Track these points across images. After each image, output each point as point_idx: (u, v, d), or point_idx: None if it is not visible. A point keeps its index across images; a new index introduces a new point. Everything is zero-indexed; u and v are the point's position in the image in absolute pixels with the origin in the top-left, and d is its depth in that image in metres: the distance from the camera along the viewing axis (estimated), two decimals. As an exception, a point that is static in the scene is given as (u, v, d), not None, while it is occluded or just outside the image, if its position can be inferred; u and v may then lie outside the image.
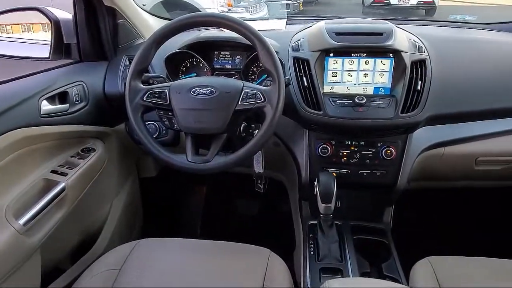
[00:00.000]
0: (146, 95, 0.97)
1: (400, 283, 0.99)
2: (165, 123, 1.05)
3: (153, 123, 1.23)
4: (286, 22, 1.49)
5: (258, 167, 1.18)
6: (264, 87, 0.96)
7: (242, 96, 0.94)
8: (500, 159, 1.18)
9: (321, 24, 1.18)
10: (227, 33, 1.19)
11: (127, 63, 1.25)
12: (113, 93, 1.21)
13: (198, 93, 0.95)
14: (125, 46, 1.33)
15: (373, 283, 0.71)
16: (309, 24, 1.28)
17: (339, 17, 1.39)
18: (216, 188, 1.90)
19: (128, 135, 1.29)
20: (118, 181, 1.38)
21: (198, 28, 1.35)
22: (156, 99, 0.97)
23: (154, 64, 1.24)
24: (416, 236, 1.30)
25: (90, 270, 0.96)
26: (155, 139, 0.99)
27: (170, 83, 1.00)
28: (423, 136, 1.12)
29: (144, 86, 0.99)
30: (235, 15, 1.65)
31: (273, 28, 1.42)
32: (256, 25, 1.40)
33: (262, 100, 0.93)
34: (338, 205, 1.24)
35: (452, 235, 1.54)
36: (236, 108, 0.94)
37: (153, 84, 1.05)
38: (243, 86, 0.96)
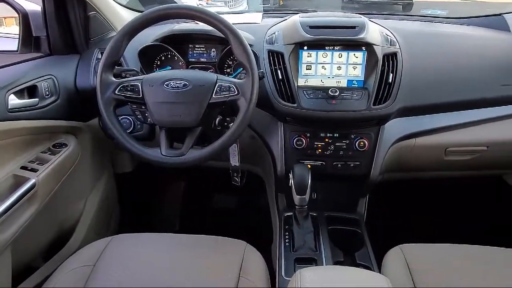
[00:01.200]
0: (118, 88, 0.95)
1: (372, 270, 1.02)
2: (138, 116, 1.03)
3: (127, 118, 1.21)
4: (263, 16, 1.49)
5: (234, 160, 1.18)
6: (237, 80, 0.96)
7: (216, 89, 0.94)
8: (469, 149, 1.22)
9: (295, 17, 1.19)
10: (201, 26, 1.18)
11: (100, 56, 1.22)
12: (85, 87, 1.19)
13: (172, 86, 0.94)
14: (97, 39, 1.31)
15: (344, 270, 0.72)
16: (284, 18, 1.29)
17: (315, 11, 1.40)
18: (195, 183, 1.90)
19: (101, 130, 1.27)
20: (93, 176, 1.36)
21: (172, 21, 1.33)
22: (128, 93, 0.95)
23: (127, 58, 1.22)
24: (390, 226, 1.34)
25: (63, 267, 0.94)
26: (128, 133, 0.98)
27: (143, 76, 0.99)
28: (395, 128, 1.15)
29: (116, 80, 0.97)
30: (213, 9, 1.64)
31: (249, 21, 1.42)
32: (232, 19, 1.40)
33: (236, 93, 0.93)
34: (314, 197, 1.26)
35: (423, 223, 1.59)
36: (210, 101, 0.94)
37: (125, 77, 1.04)
38: (217, 79, 0.96)
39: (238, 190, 1.75)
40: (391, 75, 1.07)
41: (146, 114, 1.01)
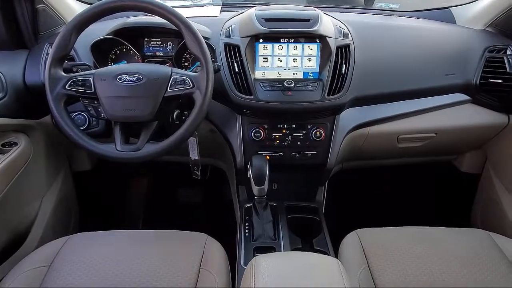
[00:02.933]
0: (69, 83, 0.93)
1: (328, 255, 1.06)
2: (91, 112, 1.01)
3: (82, 114, 1.18)
4: (222, 9, 1.49)
5: (194, 154, 1.18)
6: (192, 73, 0.96)
7: (171, 82, 0.94)
8: (419, 136, 1.28)
9: (251, 10, 1.20)
10: (155, 19, 1.17)
11: (50, 51, 1.18)
12: (35, 83, 1.15)
13: (125, 80, 0.93)
14: (48, 33, 1.26)
15: (297, 255, 0.75)
16: (242, 11, 1.30)
17: (273, 4, 1.41)
18: (158, 179, 1.88)
19: (55, 127, 1.23)
20: (48, 175, 1.31)
21: (128, 14, 1.30)
22: (79, 88, 0.93)
23: (80, 52, 1.19)
24: (348, 212, 1.39)
25: (17, 269, 0.91)
26: (83, 130, 0.96)
27: (95, 70, 0.97)
28: (349, 117, 1.19)
29: (66, 74, 0.94)
30: (176, 3, 1.61)
31: (207, 15, 1.41)
32: (190, 12, 1.40)
33: (191, 86, 0.93)
34: (274, 187, 1.29)
35: (380, 209, 1.66)
36: (165, 95, 0.93)
37: (77, 72, 1.01)
38: (171, 72, 0.95)
39: (203, 184, 1.75)
40: (344, 66, 1.11)
41: (99, 109, 0.99)
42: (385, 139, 1.28)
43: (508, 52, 1.20)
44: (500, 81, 1.18)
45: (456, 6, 1.48)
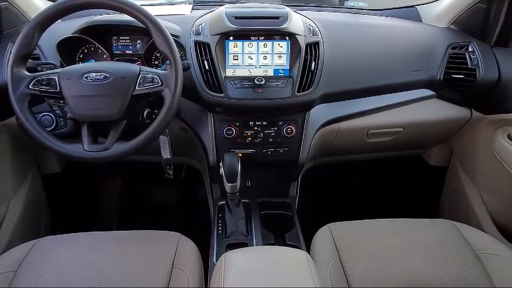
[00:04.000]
0: (32, 83, 0.90)
1: (300, 249, 1.07)
2: (57, 112, 0.99)
3: (48, 114, 1.15)
4: (193, 7, 1.48)
5: (166, 153, 1.17)
6: (161, 71, 0.95)
7: (139, 80, 0.93)
8: (387, 130, 1.32)
9: (221, 8, 1.20)
10: (123, 17, 1.14)
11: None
12: None
13: (91, 79, 0.91)
14: (11, 32, 1.22)
15: (267, 249, 0.76)
16: (212, 9, 1.29)
17: (243, 2, 1.42)
18: (132, 179, 1.85)
19: (20, 128, 1.19)
20: (15, 178, 1.27)
21: (96, 12, 1.28)
22: (44, 87, 0.91)
23: (45, 51, 1.16)
24: (321, 207, 1.41)
25: None
26: (49, 131, 0.94)
27: (60, 69, 0.94)
28: (320, 114, 1.21)
29: (29, 74, 0.92)
30: (147, 1, 1.59)
31: (178, 13, 1.40)
32: (160, 10, 1.38)
33: (160, 84, 0.93)
34: (248, 184, 1.29)
35: (352, 203, 1.70)
36: (133, 93, 0.92)
37: (42, 71, 0.99)
38: (140, 70, 0.94)
39: (178, 183, 1.74)
40: (313, 63, 1.13)
41: (65, 109, 0.97)
42: (355, 134, 1.30)
43: (470, 49, 1.25)
44: (462, 76, 1.22)
45: (422, 4, 1.52)
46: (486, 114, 1.28)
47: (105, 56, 1.20)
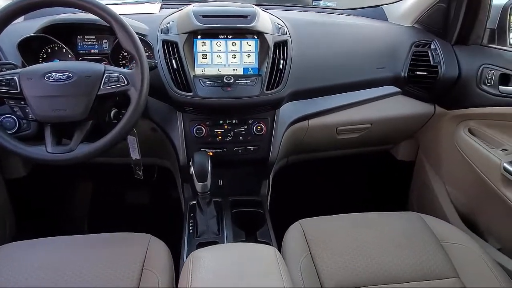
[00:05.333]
0: None
1: (271, 245, 1.08)
2: (18, 113, 0.95)
3: (10, 117, 1.11)
4: (162, 7, 1.47)
5: (135, 154, 1.15)
6: (127, 70, 0.94)
7: (104, 80, 0.91)
8: (356, 127, 1.35)
9: (189, 7, 1.19)
10: (87, 15, 1.11)
11: None
12: None
13: (53, 79, 0.89)
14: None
15: (235, 247, 0.76)
16: (180, 8, 1.29)
17: (213, 1, 1.41)
18: (104, 182, 1.81)
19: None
20: (-25, 184, 1.22)
21: (60, 11, 1.24)
22: (3, 88, 0.88)
23: (6, 51, 1.11)
24: (294, 205, 1.43)
25: None
26: (11, 133, 0.91)
27: (20, 69, 0.92)
28: (289, 111, 1.22)
29: None
30: (114, 0, 1.56)
31: (146, 12, 1.38)
32: (128, 9, 1.36)
33: (126, 83, 0.92)
34: (220, 184, 1.29)
35: (324, 199, 1.72)
36: (98, 93, 0.91)
37: (1, 71, 0.95)
38: (104, 69, 0.93)
39: (151, 185, 1.71)
40: (281, 61, 1.14)
41: (27, 110, 0.94)
42: (325, 131, 1.33)
43: (432, 47, 1.30)
44: (425, 73, 1.27)
45: (387, 4, 1.57)
46: (449, 110, 1.33)
47: (70, 56, 1.17)
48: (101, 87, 0.90)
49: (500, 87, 1.13)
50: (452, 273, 0.92)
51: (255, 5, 1.29)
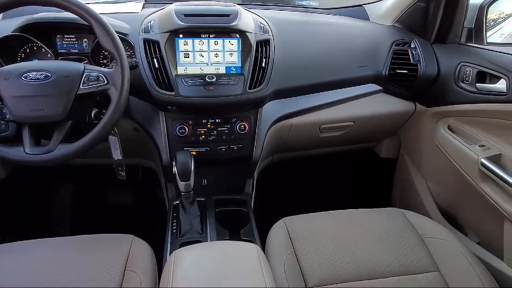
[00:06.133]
0: None
1: (254, 243, 1.08)
2: None
3: None
4: (144, 6, 1.45)
5: (117, 154, 1.14)
6: (106, 69, 0.93)
7: (84, 79, 0.90)
8: (339, 125, 1.36)
9: (171, 6, 1.18)
10: (65, 14, 1.10)
11: None
12: None
13: (31, 79, 0.87)
14: None
15: (217, 245, 0.76)
16: (162, 7, 1.28)
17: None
18: (87, 184, 1.79)
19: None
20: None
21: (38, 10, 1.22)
22: None
23: None
24: (278, 203, 1.43)
25: None
26: None
27: None
28: (272, 110, 1.23)
29: None
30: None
31: (128, 11, 1.37)
32: (109, 8, 1.34)
33: (106, 82, 0.91)
34: (204, 183, 1.29)
35: (309, 197, 1.73)
36: (77, 93, 0.89)
37: None
38: (84, 69, 0.91)
39: (135, 185, 1.70)
40: (264, 60, 1.14)
41: (4, 111, 0.92)
42: (308, 130, 1.34)
43: (412, 45, 1.32)
44: (406, 71, 1.29)
45: (369, 3, 1.58)
46: (429, 107, 1.36)
47: (49, 55, 1.15)
48: (81, 87, 0.89)
49: (477, 84, 1.15)
50: (432, 267, 0.94)
51: (238, 4, 1.30)
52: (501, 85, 1.07)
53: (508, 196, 1.03)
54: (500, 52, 1.13)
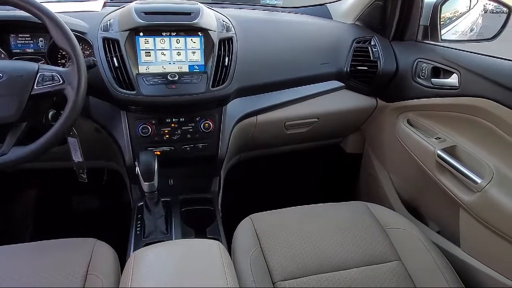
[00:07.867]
0: None
1: (220, 241, 1.08)
2: None
3: None
4: (105, 4, 1.42)
5: (77, 156, 1.11)
6: (62, 69, 0.90)
7: (38, 79, 0.87)
8: (303, 121, 1.38)
9: (131, 4, 1.16)
10: (17, 12, 1.06)
11: None
12: None
13: None
14: None
15: (178, 243, 0.76)
16: (123, 6, 1.25)
17: None
18: (49, 188, 1.72)
19: None
20: None
21: None
22: None
23: None
24: (246, 201, 1.44)
25: None
26: None
27: None
28: (236, 108, 1.23)
29: None
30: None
31: (88, 9, 1.33)
32: (68, 6, 1.30)
33: (61, 82, 0.88)
34: (170, 183, 1.28)
35: (277, 194, 1.75)
36: (32, 93, 0.86)
37: None
38: (38, 68, 0.88)
39: (100, 189, 1.65)
40: (227, 58, 1.14)
41: None
42: (274, 127, 1.35)
43: (372, 43, 1.36)
44: (366, 68, 1.33)
45: (331, 2, 1.62)
46: (389, 102, 1.40)
47: (2, 55, 1.11)
48: (35, 87, 0.86)
49: (432, 79, 1.20)
50: (394, 256, 0.97)
51: (201, 2, 1.29)
52: (454, 79, 1.13)
53: (463, 186, 1.07)
54: (453, 49, 1.18)
